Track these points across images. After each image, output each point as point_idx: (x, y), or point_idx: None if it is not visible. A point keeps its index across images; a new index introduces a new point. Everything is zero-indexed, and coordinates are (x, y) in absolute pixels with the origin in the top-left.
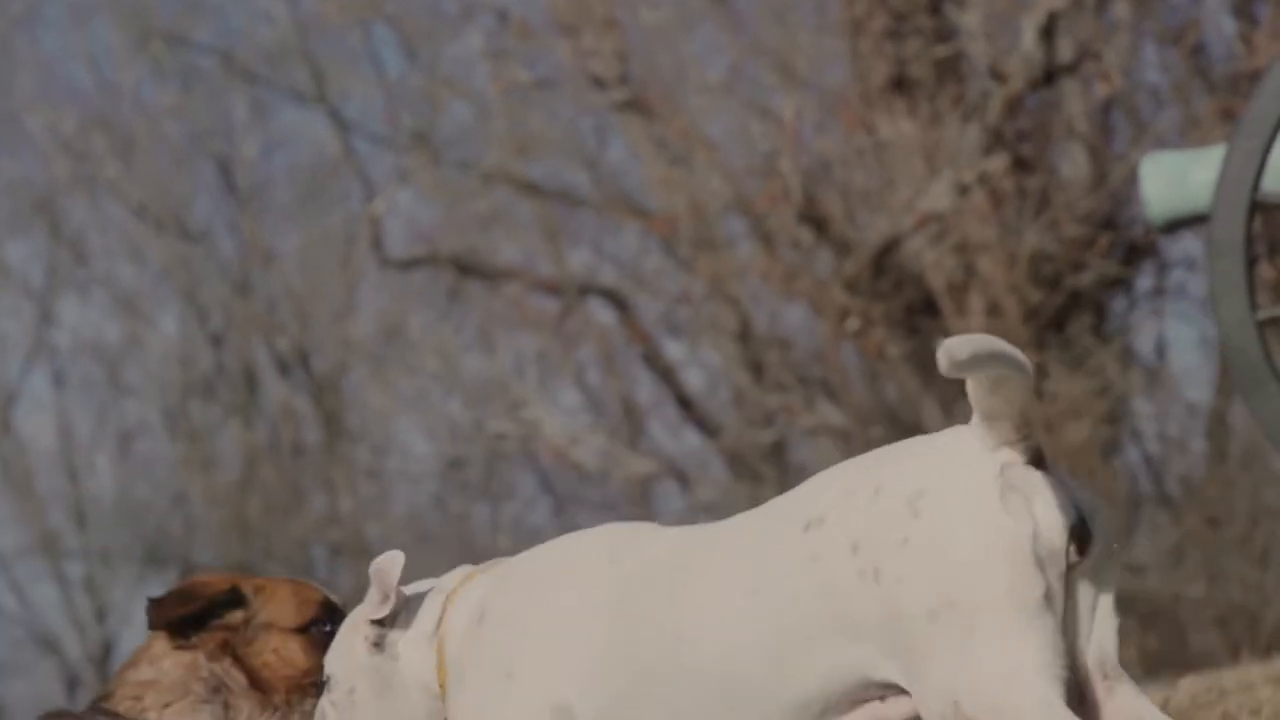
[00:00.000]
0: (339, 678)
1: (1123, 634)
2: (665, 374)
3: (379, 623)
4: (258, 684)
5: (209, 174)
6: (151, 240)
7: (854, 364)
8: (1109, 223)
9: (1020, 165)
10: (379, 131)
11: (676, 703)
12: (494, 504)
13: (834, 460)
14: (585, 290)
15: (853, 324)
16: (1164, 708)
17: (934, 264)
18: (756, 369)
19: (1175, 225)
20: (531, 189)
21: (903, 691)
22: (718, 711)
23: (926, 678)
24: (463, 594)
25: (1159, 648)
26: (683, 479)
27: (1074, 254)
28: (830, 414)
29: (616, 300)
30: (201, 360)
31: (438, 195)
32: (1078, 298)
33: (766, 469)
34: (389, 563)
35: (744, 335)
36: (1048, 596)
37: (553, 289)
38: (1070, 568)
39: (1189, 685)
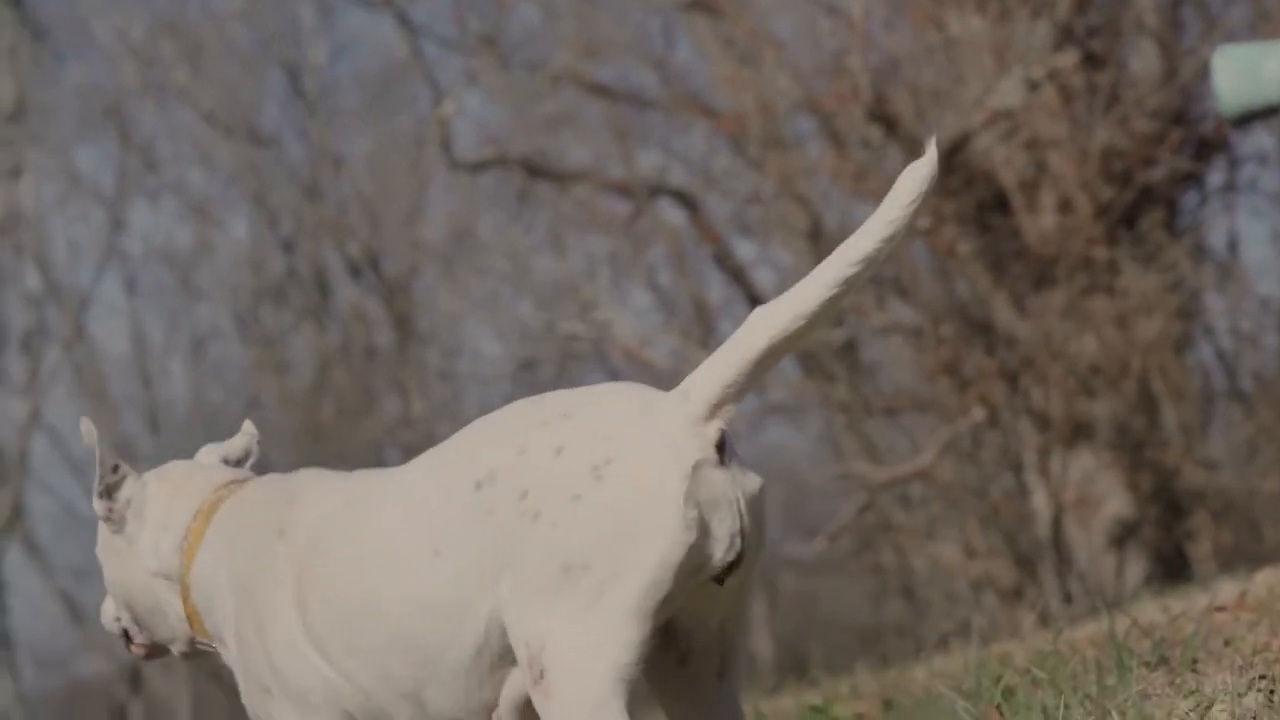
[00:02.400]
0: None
1: (1197, 529)
2: (736, 274)
3: (108, 499)
4: None
5: (277, 79)
6: (221, 146)
7: (925, 262)
8: (1180, 118)
9: (1090, 61)
10: (447, 34)
11: (378, 662)
12: None
13: (905, 358)
14: (655, 191)
15: (923, 222)
16: (1240, 601)
17: (1004, 161)
18: None
19: (1248, 118)
20: (600, 90)
21: None
22: (410, 670)
23: (532, 615)
24: (213, 523)
25: (1233, 542)
26: None
27: (1145, 150)
28: (901, 312)
29: (686, 200)
30: (273, 265)
31: (506, 97)
32: (1149, 193)
33: (838, 367)
34: (87, 432)
35: (814, 234)
36: (667, 602)
37: (622, 190)
38: (712, 580)
39: (1265, 578)
